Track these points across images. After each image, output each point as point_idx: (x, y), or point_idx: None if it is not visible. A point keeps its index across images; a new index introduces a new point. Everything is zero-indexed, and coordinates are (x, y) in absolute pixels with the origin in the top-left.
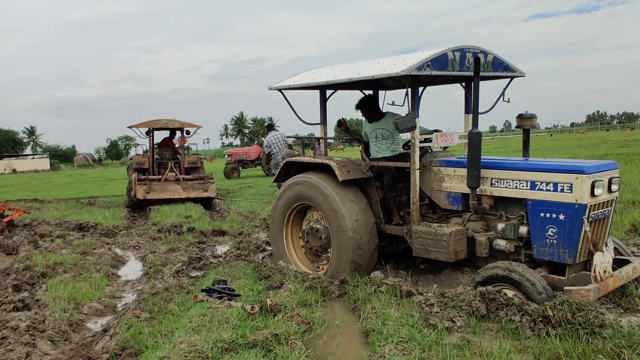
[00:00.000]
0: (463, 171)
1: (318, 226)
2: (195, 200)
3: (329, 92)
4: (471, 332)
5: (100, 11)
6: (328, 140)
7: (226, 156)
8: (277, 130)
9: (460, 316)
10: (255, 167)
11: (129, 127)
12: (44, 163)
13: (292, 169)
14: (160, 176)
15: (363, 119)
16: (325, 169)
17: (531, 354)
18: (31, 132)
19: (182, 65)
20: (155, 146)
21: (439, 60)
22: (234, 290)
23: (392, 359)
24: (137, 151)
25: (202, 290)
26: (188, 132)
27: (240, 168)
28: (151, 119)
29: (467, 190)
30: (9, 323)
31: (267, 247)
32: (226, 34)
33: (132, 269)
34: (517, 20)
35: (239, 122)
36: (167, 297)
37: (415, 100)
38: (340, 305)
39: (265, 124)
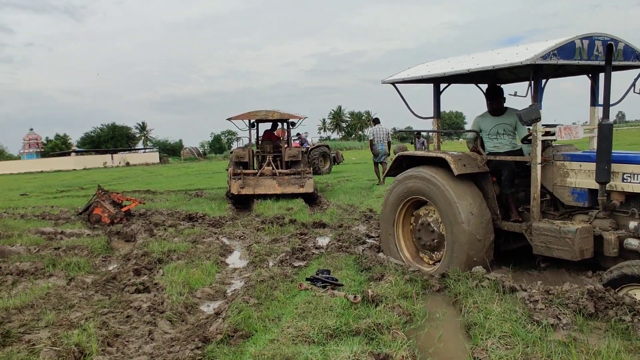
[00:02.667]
0: (590, 165)
1: (430, 221)
2: (292, 194)
3: (442, 86)
4: (578, 330)
5: (207, 9)
6: (427, 135)
7: None
8: (380, 124)
9: (566, 314)
10: None
11: (228, 119)
12: (153, 157)
13: (404, 163)
14: (256, 170)
15: (484, 111)
16: (439, 163)
17: None
18: (142, 127)
19: (282, 61)
20: (260, 138)
21: (566, 49)
22: (337, 280)
23: (495, 352)
24: (238, 145)
25: (307, 279)
26: (293, 124)
27: None
28: (250, 111)
29: (594, 186)
30: (133, 303)
31: (367, 240)
32: (325, 27)
33: (238, 258)
34: (632, 3)
35: (337, 115)
36: (272, 285)
37: (538, 92)
38: (441, 299)
39: (373, 118)
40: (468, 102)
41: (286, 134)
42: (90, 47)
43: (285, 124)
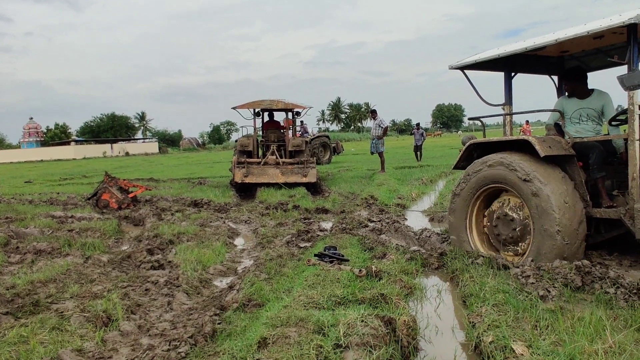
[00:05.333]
0: None
1: (512, 214)
2: (295, 184)
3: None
4: (565, 301)
5: (208, 0)
6: (424, 126)
7: None
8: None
9: (555, 287)
10: None
11: (233, 108)
12: (153, 147)
13: (475, 152)
14: (259, 159)
15: (564, 94)
16: (518, 148)
17: (622, 320)
18: (142, 117)
19: (281, 52)
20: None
21: None
22: (343, 256)
23: (489, 317)
24: (239, 135)
25: (315, 255)
26: (298, 113)
27: None
28: (255, 100)
29: None
30: (150, 278)
31: (369, 224)
32: (325, 19)
33: (246, 240)
34: None
35: (336, 107)
36: (281, 263)
37: (635, 58)
38: (439, 275)
39: (372, 109)
40: (468, 97)
41: (291, 124)
42: (89, 37)
43: (290, 114)
